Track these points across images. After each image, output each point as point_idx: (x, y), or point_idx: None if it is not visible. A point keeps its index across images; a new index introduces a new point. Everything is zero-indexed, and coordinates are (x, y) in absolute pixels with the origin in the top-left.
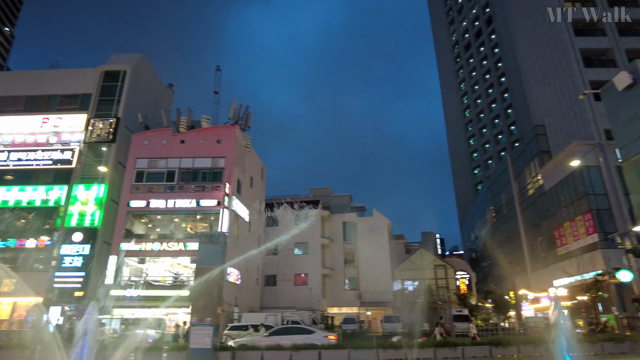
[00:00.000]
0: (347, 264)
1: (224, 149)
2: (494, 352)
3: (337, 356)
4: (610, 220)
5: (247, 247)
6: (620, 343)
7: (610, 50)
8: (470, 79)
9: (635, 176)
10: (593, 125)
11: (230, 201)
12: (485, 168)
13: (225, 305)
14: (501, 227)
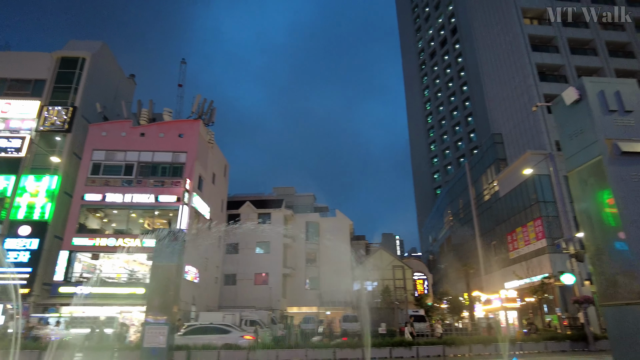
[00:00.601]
0: (308, 264)
1: (186, 143)
2: (446, 351)
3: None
4: (557, 226)
5: (206, 245)
6: (561, 342)
7: (562, 67)
8: (433, 86)
9: (578, 186)
10: (545, 136)
11: (191, 198)
12: (444, 173)
13: (182, 304)
14: (458, 230)
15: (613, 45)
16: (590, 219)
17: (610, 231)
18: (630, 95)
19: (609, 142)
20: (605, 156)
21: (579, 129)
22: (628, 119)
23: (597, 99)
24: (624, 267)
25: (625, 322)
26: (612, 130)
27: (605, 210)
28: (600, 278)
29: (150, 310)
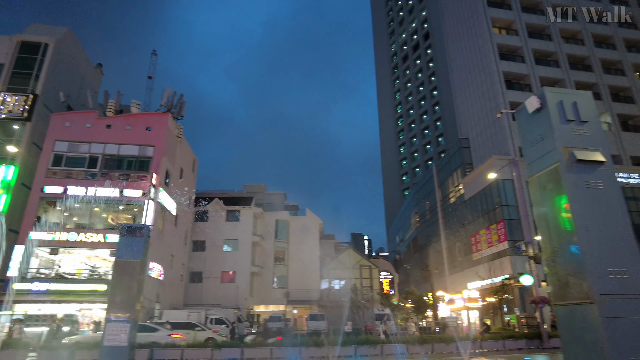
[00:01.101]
0: (277, 262)
1: (154, 137)
2: (410, 349)
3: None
4: (519, 229)
5: (172, 242)
6: (518, 340)
7: (527, 76)
8: (405, 90)
9: (537, 191)
10: (510, 143)
11: (157, 193)
12: (412, 175)
13: (145, 302)
14: (424, 231)
15: (574, 59)
16: (547, 222)
17: (565, 235)
18: (586, 107)
19: (566, 149)
20: (562, 163)
21: (539, 136)
22: (584, 128)
23: (557, 109)
24: (576, 269)
25: (574, 321)
26: (569, 138)
27: (561, 214)
28: (554, 279)
29: (111, 308)
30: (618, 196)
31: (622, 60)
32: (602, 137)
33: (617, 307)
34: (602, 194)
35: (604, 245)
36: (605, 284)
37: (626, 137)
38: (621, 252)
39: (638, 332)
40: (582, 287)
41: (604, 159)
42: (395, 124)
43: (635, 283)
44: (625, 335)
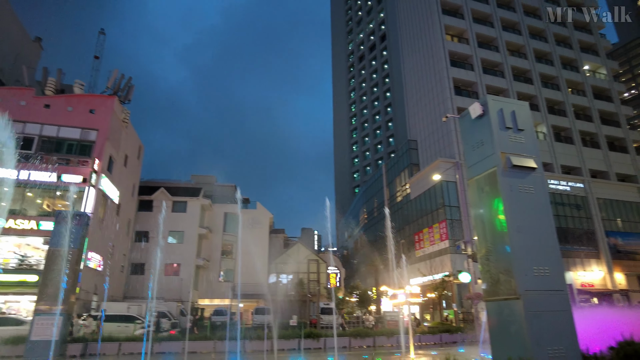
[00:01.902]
0: (224, 256)
1: (98, 120)
2: (352, 342)
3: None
4: (460, 229)
5: (114, 232)
6: (455, 334)
7: (475, 84)
8: (360, 89)
9: (475, 192)
10: (455, 146)
11: (99, 179)
12: (363, 173)
13: (82, 293)
14: (371, 228)
15: (517, 71)
16: (483, 223)
17: (499, 235)
18: (524, 116)
19: (503, 155)
20: (499, 168)
21: (480, 141)
22: (520, 136)
23: (497, 116)
24: (506, 267)
25: (502, 315)
26: (506, 145)
27: (496, 216)
28: (486, 276)
29: (42, 300)
30: (546, 201)
31: (558, 76)
32: (535, 145)
33: (539, 302)
34: (533, 198)
35: (532, 246)
36: (530, 281)
37: (558, 147)
38: (546, 252)
39: (556, 325)
40: (510, 284)
41: (536, 166)
42: (349, 122)
43: (556, 280)
44: (545, 328)
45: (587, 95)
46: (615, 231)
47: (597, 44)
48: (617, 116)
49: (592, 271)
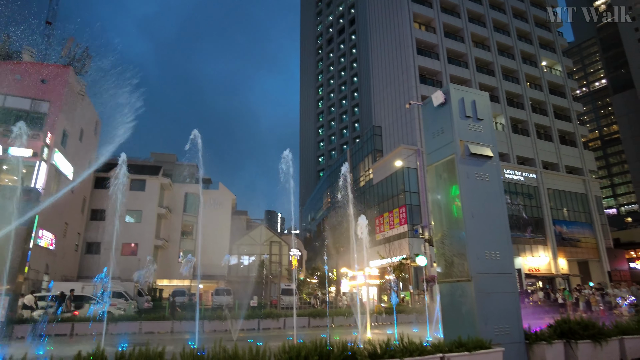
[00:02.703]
0: (184, 236)
1: (50, 91)
2: (311, 322)
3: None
4: (418, 214)
5: (67, 209)
6: (409, 314)
7: (440, 73)
8: (327, 72)
9: (434, 179)
10: (418, 134)
11: (51, 154)
12: (328, 157)
13: (31, 273)
14: (333, 212)
15: (480, 62)
16: (440, 208)
17: (454, 220)
18: (483, 106)
19: (462, 143)
20: (457, 155)
21: (440, 128)
22: (479, 125)
23: (458, 105)
24: (460, 250)
25: (455, 296)
26: (465, 133)
27: (453, 202)
28: (441, 259)
29: None
30: (500, 189)
31: (518, 70)
32: (492, 135)
33: (489, 284)
34: (488, 185)
35: (485, 231)
36: (482, 264)
37: (515, 138)
38: (497, 237)
39: (504, 305)
40: (463, 266)
41: (492, 155)
42: (315, 105)
43: (505, 264)
44: (493, 308)
45: (544, 90)
46: (561, 220)
47: (555, 41)
48: (569, 111)
49: (539, 257)
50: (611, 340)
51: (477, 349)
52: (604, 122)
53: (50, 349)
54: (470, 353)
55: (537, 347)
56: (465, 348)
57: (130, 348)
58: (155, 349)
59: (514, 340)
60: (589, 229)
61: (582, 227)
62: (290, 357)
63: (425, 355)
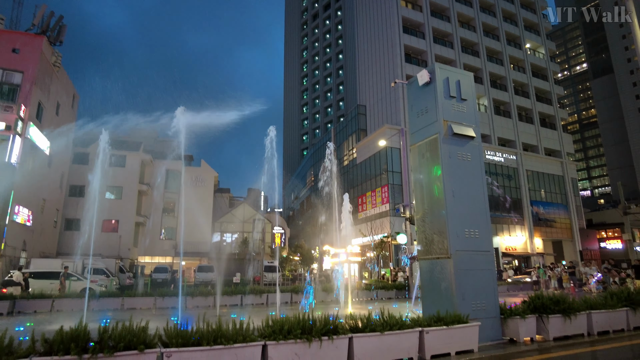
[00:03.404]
0: (165, 213)
1: (23, 61)
2: (294, 298)
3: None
4: (400, 193)
5: (45, 185)
6: (389, 290)
7: (425, 53)
8: (312, 49)
9: (416, 158)
10: (402, 113)
11: (26, 127)
12: (312, 136)
13: (8, 249)
14: (317, 191)
15: (466, 43)
16: (422, 187)
17: (435, 199)
18: (467, 86)
19: (446, 123)
20: (440, 135)
21: (424, 108)
22: (462, 105)
23: (443, 84)
24: (440, 229)
25: (434, 272)
26: (449, 113)
27: (435, 181)
28: (421, 237)
29: None
30: (481, 169)
31: (503, 52)
32: (476, 116)
33: (467, 262)
34: (470, 165)
35: (465, 210)
36: (461, 242)
37: (497, 120)
38: (477, 216)
39: (481, 282)
40: (443, 244)
41: (474, 135)
42: (300, 82)
43: (484, 242)
44: (470, 285)
45: (527, 73)
46: (538, 201)
47: (539, 23)
48: (550, 94)
49: (516, 236)
50: (580, 314)
51: (454, 324)
52: (582, 106)
53: (30, 324)
54: (448, 327)
55: (512, 322)
56: (443, 322)
57: (113, 323)
58: (139, 324)
59: (489, 315)
60: (564, 209)
61: (558, 208)
62: (274, 330)
63: (405, 329)
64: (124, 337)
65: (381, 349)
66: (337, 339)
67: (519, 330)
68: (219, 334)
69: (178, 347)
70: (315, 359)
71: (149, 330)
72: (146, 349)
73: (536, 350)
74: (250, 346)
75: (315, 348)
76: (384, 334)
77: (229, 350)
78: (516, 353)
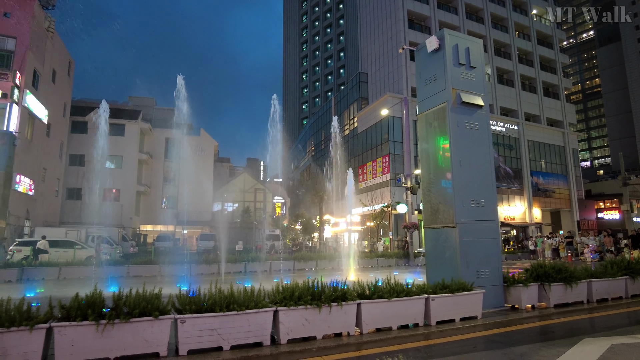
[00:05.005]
0: (166, 182)
1: (15, 26)
2: (296, 265)
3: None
4: (401, 163)
5: (44, 154)
6: (389, 258)
7: (428, 18)
8: (312, 14)
9: (424, 127)
10: (404, 82)
11: (22, 95)
12: (312, 105)
13: (12, 219)
14: (317, 160)
15: (470, 8)
16: (429, 156)
17: (442, 168)
18: (477, 54)
19: (454, 91)
20: (449, 103)
21: (433, 75)
22: (471, 73)
23: (452, 51)
24: (446, 198)
25: (439, 241)
26: (458, 81)
27: (441, 151)
28: (427, 206)
29: None
30: (488, 138)
31: (508, 18)
32: (484, 84)
33: (472, 231)
34: (477, 134)
35: (471, 179)
36: (467, 211)
37: (500, 89)
38: (483, 186)
39: (485, 251)
40: (449, 213)
41: (483, 104)
42: (300, 48)
43: (489, 212)
44: (475, 253)
45: (532, 40)
46: (538, 171)
47: None
48: (555, 63)
49: (515, 206)
50: (581, 282)
51: (459, 291)
52: (587, 75)
53: (40, 291)
54: (453, 294)
55: (514, 289)
56: (448, 290)
57: (124, 290)
58: (152, 290)
59: (493, 283)
60: (564, 180)
61: (558, 178)
62: (285, 297)
63: (411, 296)
64: (138, 304)
65: (388, 315)
66: (346, 305)
67: (522, 297)
68: (231, 300)
69: (192, 314)
70: (324, 324)
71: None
72: (160, 315)
73: (537, 317)
74: (262, 312)
75: (325, 314)
76: (391, 301)
77: (241, 316)
78: (518, 319)
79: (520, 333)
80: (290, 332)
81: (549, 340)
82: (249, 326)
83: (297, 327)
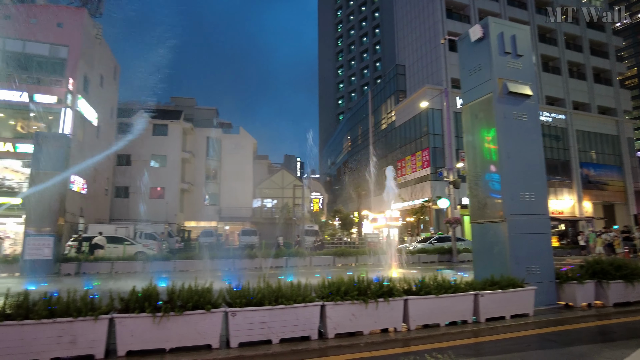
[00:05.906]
0: (208, 180)
1: (67, 35)
2: (336, 261)
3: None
4: (442, 157)
5: (95, 155)
6: (431, 255)
7: (467, 7)
8: (347, 7)
9: (469, 119)
10: (443, 73)
11: (75, 100)
12: (348, 100)
13: (68, 216)
14: (355, 155)
15: None
16: (475, 149)
17: (489, 161)
18: (523, 41)
19: (500, 81)
20: (495, 94)
21: (477, 65)
22: (518, 62)
23: (497, 40)
24: (493, 193)
25: (486, 236)
26: (504, 70)
27: (487, 143)
28: (474, 200)
29: (31, 222)
30: (537, 129)
31: (554, 1)
32: (532, 73)
33: (522, 225)
34: (526, 125)
35: (520, 172)
36: (516, 206)
37: (545, 77)
38: (533, 179)
39: (536, 246)
40: (497, 207)
41: (531, 93)
42: (335, 43)
43: (539, 206)
44: (524, 248)
45: (580, 23)
46: (588, 162)
47: None
48: (607, 47)
49: (564, 199)
50: None
51: (509, 287)
52: None
53: (97, 284)
54: (503, 291)
55: (568, 287)
56: (498, 286)
57: (176, 284)
58: (203, 285)
59: (545, 279)
60: (618, 171)
61: (611, 169)
62: (331, 291)
63: (459, 292)
64: (191, 297)
65: (436, 311)
66: (392, 301)
67: (576, 295)
68: (279, 294)
69: (242, 307)
70: (371, 319)
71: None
72: (213, 308)
73: (594, 316)
74: (309, 306)
75: (372, 309)
76: (439, 297)
77: (289, 310)
78: (574, 318)
79: (577, 332)
80: (338, 327)
81: (610, 341)
82: (297, 320)
83: (344, 322)
